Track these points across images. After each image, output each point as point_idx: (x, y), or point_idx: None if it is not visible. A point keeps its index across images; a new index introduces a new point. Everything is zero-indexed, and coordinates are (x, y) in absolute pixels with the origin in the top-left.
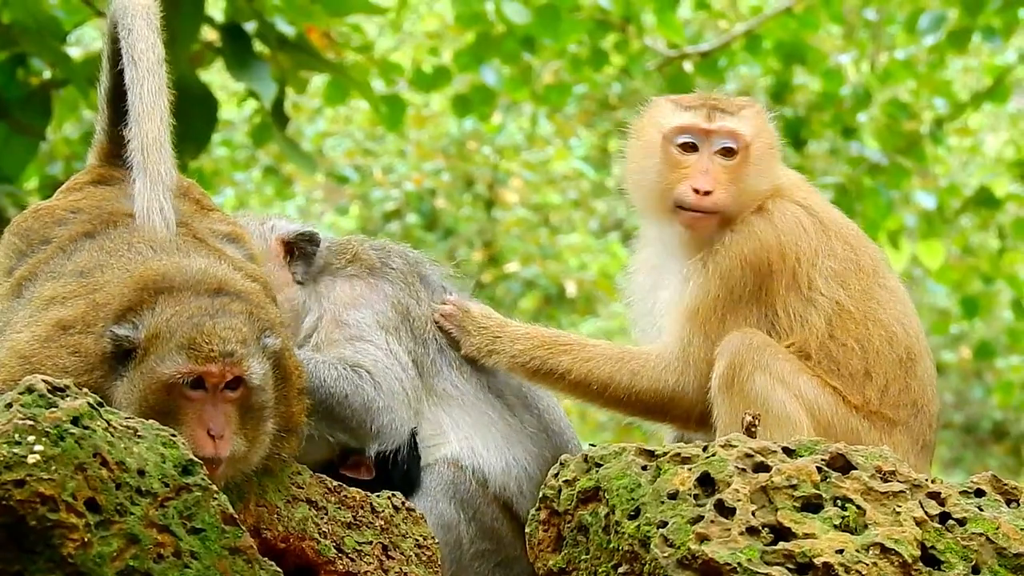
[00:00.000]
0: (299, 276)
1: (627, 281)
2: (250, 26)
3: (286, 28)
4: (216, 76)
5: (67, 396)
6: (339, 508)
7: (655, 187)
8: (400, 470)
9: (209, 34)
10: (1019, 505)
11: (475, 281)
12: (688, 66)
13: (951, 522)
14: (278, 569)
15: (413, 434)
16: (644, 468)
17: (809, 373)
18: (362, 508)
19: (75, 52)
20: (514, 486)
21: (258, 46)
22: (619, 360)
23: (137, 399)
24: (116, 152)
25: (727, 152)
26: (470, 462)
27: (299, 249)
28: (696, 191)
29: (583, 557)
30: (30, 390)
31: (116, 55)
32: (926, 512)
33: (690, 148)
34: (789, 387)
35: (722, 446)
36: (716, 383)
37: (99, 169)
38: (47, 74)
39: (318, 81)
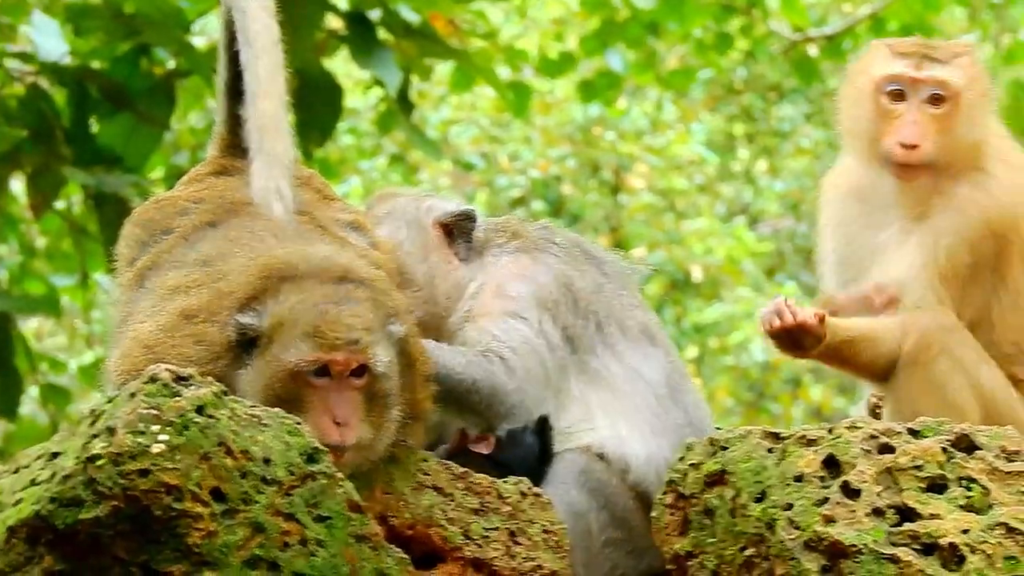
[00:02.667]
0: (462, 255)
1: (829, 217)
2: (374, 14)
3: (410, 15)
4: (341, 64)
5: (191, 385)
6: (466, 494)
7: (865, 136)
8: (523, 451)
9: (333, 22)
10: None
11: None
12: (813, 49)
13: None
14: (405, 556)
15: (547, 421)
16: (770, 451)
17: (990, 363)
18: (489, 494)
19: (199, 42)
20: (654, 476)
21: (382, 34)
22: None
23: (262, 387)
24: (236, 143)
25: (936, 100)
26: (614, 449)
27: (459, 229)
28: (903, 145)
29: (709, 540)
30: (154, 379)
31: (232, 43)
32: None
33: (898, 97)
34: (969, 376)
35: (847, 428)
36: (903, 358)
37: (220, 160)
38: (171, 64)
39: (443, 68)
